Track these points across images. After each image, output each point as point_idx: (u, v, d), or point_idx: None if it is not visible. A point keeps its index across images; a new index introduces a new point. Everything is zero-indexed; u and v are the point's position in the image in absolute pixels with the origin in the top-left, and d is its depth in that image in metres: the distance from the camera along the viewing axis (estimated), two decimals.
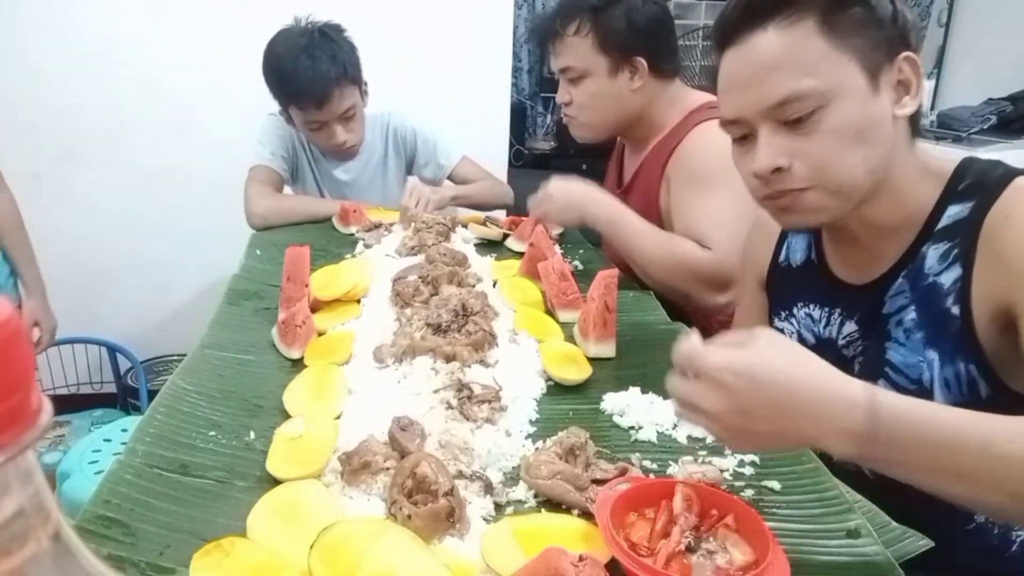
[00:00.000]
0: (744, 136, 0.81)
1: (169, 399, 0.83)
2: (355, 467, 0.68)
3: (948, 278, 0.76)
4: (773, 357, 0.59)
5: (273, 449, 0.73)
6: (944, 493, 0.59)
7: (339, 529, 0.57)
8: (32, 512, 0.21)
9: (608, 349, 0.99)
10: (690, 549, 0.57)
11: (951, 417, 0.57)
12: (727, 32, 0.80)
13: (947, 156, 0.83)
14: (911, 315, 0.80)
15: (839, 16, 0.74)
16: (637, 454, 0.75)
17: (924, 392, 0.77)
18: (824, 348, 0.88)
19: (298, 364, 0.95)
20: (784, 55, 0.75)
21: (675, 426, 0.80)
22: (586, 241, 1.53)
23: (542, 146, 4.50)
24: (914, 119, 0.79)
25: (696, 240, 1.21)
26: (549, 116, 4.57)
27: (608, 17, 1.29)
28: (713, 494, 0.62)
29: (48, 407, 0.21)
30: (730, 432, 0.60)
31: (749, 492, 0.69)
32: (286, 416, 0.81)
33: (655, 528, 0.58)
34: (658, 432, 0.80)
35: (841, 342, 0.88)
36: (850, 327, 0.87)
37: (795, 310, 0.95)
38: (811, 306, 0.92)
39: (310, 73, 1.53)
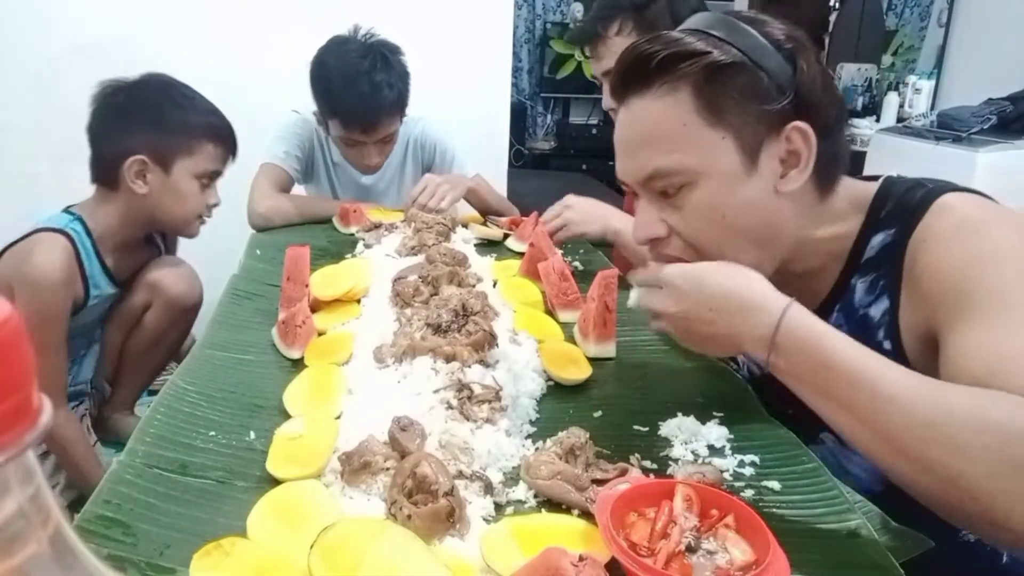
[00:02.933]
0: (635, 193, 0.80)
1: (169, 399, 0.83)
2: (355, 467, 0.68)
3: (877, 311, 0.75)
4: (716, 267, 0.71)
5: (273, 449, 0.73)
6: (830, 420, 0.64)
7: (339, 529, 0.57)
8: (32, 512, 0.21)
9: (608, 349, 0.99)
10: (690, 549, 0.57)
11: (851, 352, 0.62)
12: (615, 91, 0.78)
13: (869, 178, 0.81)
14: None
15: (717, 87, 0.71)
16: (637, 454, 0.75)
17: None
18: (772, 381, 0.87)
19: (298, 364, 0.95)
20: (655, 128, 0.74)
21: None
22: (586, 241, 1.53)
23: (542, 146, 4.51)
24: (825, 169, 0.75)
25: None
26: (549, 116, 4.58)
27: (650, 14, 1.30)
28: (713, 494, 0.62)
29: (48, 407, 0.21)
30: (677, 330, 0.72)
31: (749, 492, 0.69)
32: (286, 416, 0.81)
33: (655, 528, 0.58)
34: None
35: None
36: None
37: None
38: None
39: (366, 99, 1.51)
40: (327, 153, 1.78)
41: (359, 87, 1.50)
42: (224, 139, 1.36)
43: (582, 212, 1.32)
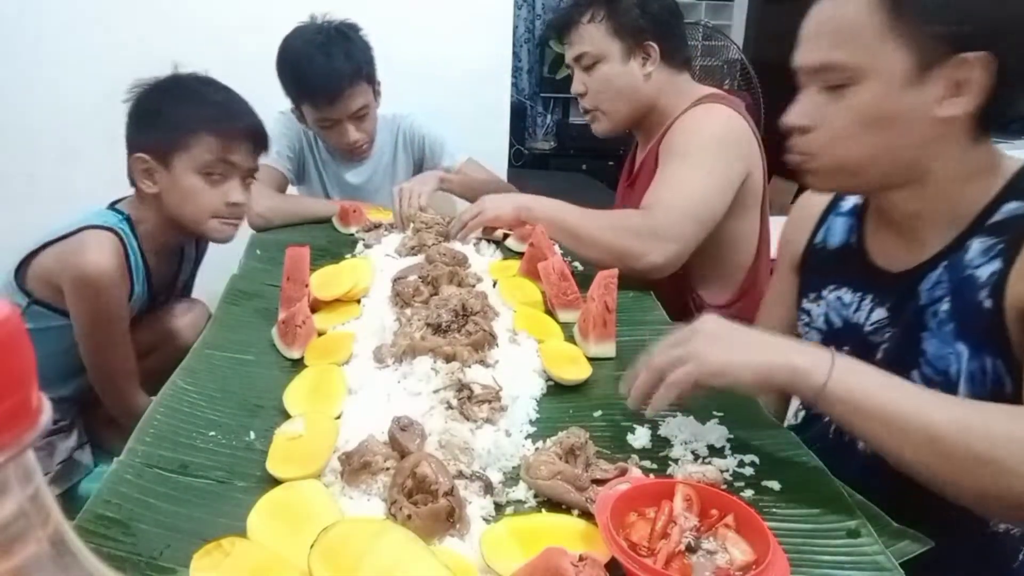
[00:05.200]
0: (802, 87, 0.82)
1: (169, 399, 0.83)
2: (355, 467, 0.68)
3: (986, 271, 0.75)
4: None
5: (273, 449, 0.73)
6: (888, 457, 0.67)
7: (339, 529, 0.57)
8: (32, 512, 0.21)
9: (608, 349, 0.99)
10: (690, 549, 0.57)
11: (903, 401, 0.65)
12: None
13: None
14: (945, 306, 0.78)
15: None
16: (635, 455, 0.75)
17: (950, 384, 0.76)
18: (850, 332, 0.88)
19: (298, 364, 0.95)
20: (835, 21, 0.75)
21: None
22: None
23: (542, 146, 4.50)
24: (985, 119, 0.75)
25: (644, 205, 1.27)
26: (549, 116, 4.58)
27: (622, 4, 1.36)
28: (713, 494, 0.62)
29: (48, 407, 0.21)
30: (708, 357, 0.70)
31: (749, 492, 0.69)
32: (286, 416, 0.81)
33: (655, 528, 0.58)
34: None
35: (868, 328, 0.87)
36: (880, 313, 0.86)
37: (825, 293, 0.94)
38: (843, 289, 0.91)
39: (324, 70, 1.53)
40: (316, 152, 1.79)
41: (316, 60, 1.53)
42: (224, 127, 1.30)
43: (493, 200, 1.36)
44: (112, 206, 1.35)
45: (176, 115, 1.29)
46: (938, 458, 0.63)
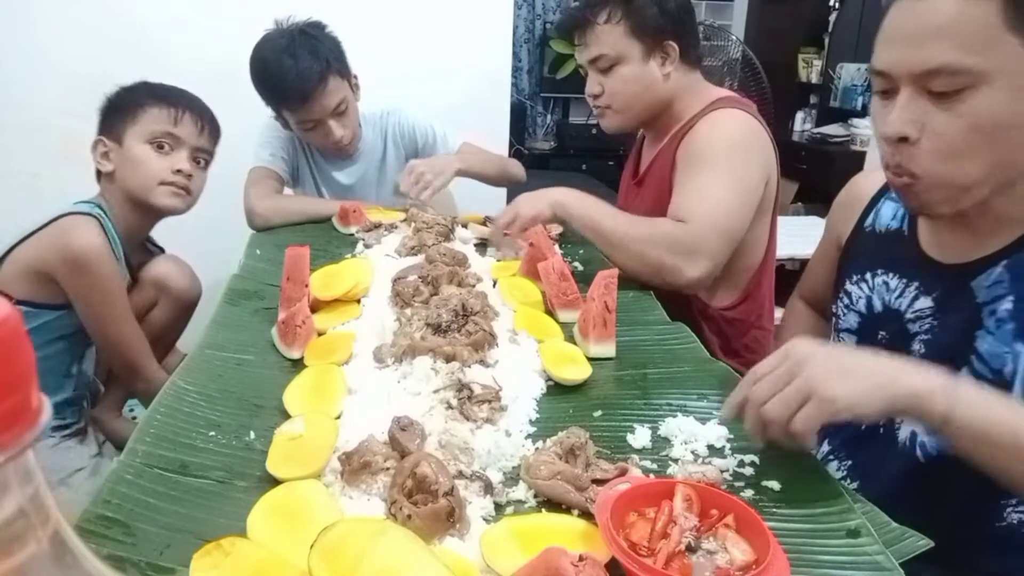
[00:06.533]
0: (887, 91, 0.76)
1: (169, 399, 0.83)
2: (355, 467, 0.68)
3: None
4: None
5: (273, 449, 0.73)
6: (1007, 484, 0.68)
7: (339, 529, 0.57)
8: (32, 512, 0.21)
9: (608, 349, 0.99)
10: (690, 549, 0.57)
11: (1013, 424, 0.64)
12: None
13: None
14: (1006, 305, 0.77)
15: None
16: (635, 455, 0.75)
17: (1003, 384, 0.75)
18: (889, 318, 0.87)
19: (298, 364, 0.95)
20: (956, 22, 0.68)
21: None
22: (586, 241, 1.53)
23: (542, 146, 4.51)
24: None
25: (677, 216, 1.24)
26: (549, 116, 4.58)
27: (639, 3, 1.33)
28: (713, 494, 0.62)
29: (48, 407, 0.21)
30: (831, 392, 0.65)
31: (749, 492, 0.69)
32: (286, 416, 0.81)
33: (655, 528, 0.58)
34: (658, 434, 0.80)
35: (909, 316, 0.86)
36: (924, 303, 0.84)
37: (870, 276, 0.92)
38: (889, 275, 0.90)
39: (293, 73, 1.53)
40: (309, 155, 1.79)
41: (284, 64, 1.54)
42: (166, 98, 1.39)
43: (528, 200, 1.33)
44: (77, 203, 1.39)
45: (126, 96, 1.40)
46: None
